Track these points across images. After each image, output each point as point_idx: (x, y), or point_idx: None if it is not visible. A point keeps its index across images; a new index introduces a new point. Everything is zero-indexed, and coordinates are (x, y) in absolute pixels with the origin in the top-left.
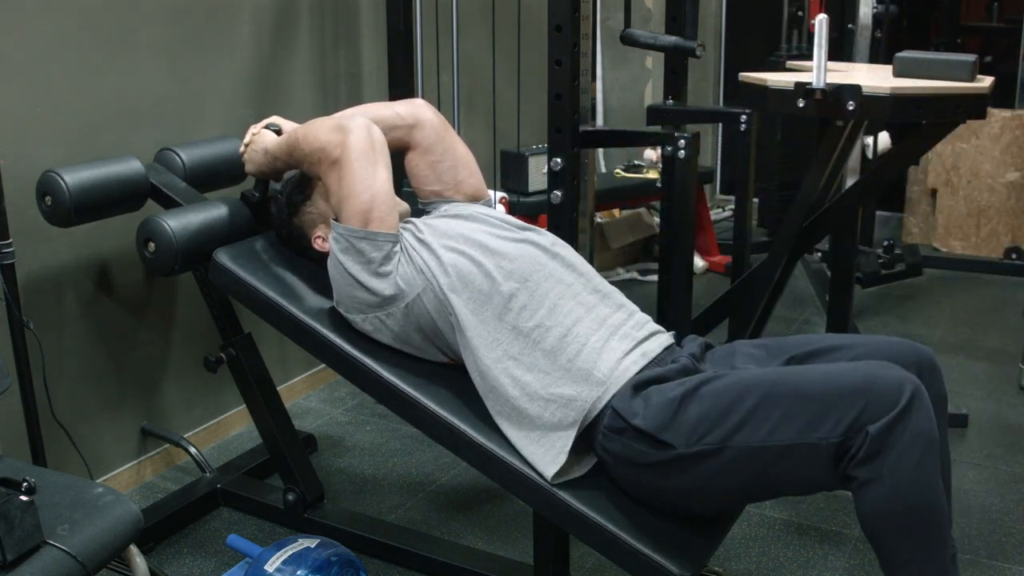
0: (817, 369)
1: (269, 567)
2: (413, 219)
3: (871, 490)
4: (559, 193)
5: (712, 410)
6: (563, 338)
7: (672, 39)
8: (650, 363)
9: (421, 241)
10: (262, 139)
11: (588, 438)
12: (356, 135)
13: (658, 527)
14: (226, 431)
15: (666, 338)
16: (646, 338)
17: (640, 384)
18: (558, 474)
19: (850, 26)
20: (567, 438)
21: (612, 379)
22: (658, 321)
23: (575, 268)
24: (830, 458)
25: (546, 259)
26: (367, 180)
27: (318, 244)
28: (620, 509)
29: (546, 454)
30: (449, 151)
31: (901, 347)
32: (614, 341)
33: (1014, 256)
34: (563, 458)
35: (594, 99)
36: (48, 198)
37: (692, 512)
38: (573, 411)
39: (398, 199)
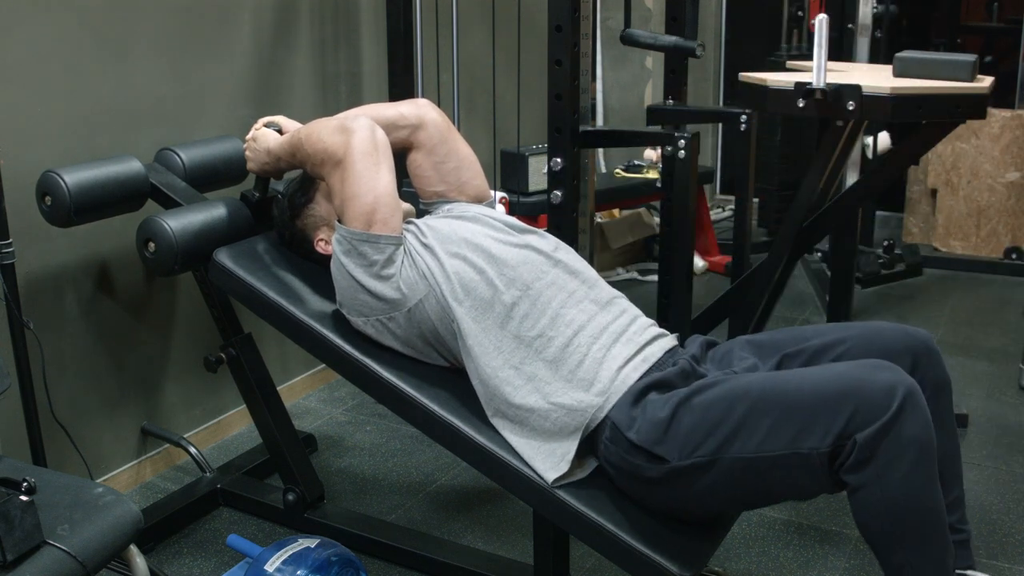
0: (807, 374)
1: (269, 567)
2: (415, 220)
3: (863, 496)
4: (559, 193)
5: (703, 422)
6: (565, 348)
7: (672, 39)
8: (651, 368)
9: (425, 245)
10: (264, 138)
11: (591, 444)
12: (360, 136)
13: (658, 527)
14: (226, 431)
15: (668, 341)
16: (648, 343)
17: (640, 392)
18: (559, 478)
19: (850, 26)
20: (569, 446)
21: (613, 389)
22: (658, 321)
23: (577, 274)
24: (823, 466)
25: (548, 266)
26: (370, 181)
27: (320, 247)
28: (620, 509)
29: (546, 460)
30: (453, 152)
31: (895, 335)
32: (616, 348)
33: (1014, 256)
34: (565, 466)
35: (594, 99)
36: (48, 198)
37: (692, 517)
38: (574, 420)
39: (401, 201)
